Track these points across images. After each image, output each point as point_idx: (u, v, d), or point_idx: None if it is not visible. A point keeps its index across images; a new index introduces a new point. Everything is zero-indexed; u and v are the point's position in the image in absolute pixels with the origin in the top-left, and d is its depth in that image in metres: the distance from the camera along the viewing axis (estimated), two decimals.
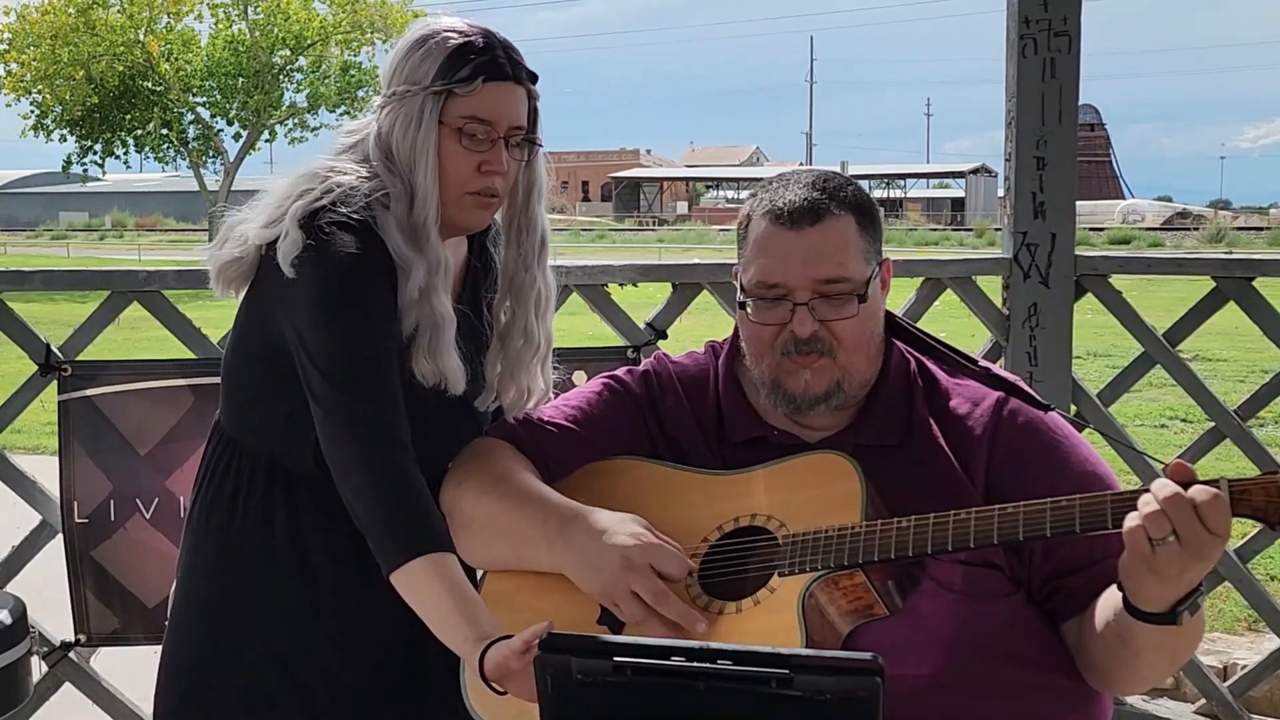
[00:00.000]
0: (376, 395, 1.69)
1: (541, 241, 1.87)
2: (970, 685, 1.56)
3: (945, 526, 1.50)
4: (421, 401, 1.76)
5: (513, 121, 1.77)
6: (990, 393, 1.72)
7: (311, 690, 1.85)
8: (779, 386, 1.69)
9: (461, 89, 1.72)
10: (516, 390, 1.88)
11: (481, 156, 1.74)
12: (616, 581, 1.57)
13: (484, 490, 1.76)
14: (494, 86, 1.74)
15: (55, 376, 2.88)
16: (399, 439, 1.69)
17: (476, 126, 1.73)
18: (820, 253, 1.65)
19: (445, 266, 1.75)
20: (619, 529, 1.61)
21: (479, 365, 1.87)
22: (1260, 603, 3.28)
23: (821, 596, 1.53)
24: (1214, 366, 11.16)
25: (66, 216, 65.16)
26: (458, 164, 1.74)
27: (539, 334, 1.88)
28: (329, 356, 1.69)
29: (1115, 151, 70.25)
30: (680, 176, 76.20)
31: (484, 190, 1.76)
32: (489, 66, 1.73)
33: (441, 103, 1.73)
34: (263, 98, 27.26)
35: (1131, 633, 1.48)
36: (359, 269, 1.68)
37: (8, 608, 2.53)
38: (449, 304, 1.75)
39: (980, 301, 3.34)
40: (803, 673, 1.16)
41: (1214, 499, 1.35)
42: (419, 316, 1.73)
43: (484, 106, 1.73)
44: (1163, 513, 1.35)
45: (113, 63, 26.13)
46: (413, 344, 1.74)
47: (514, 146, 1.78)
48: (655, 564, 1.57)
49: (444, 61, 1.73)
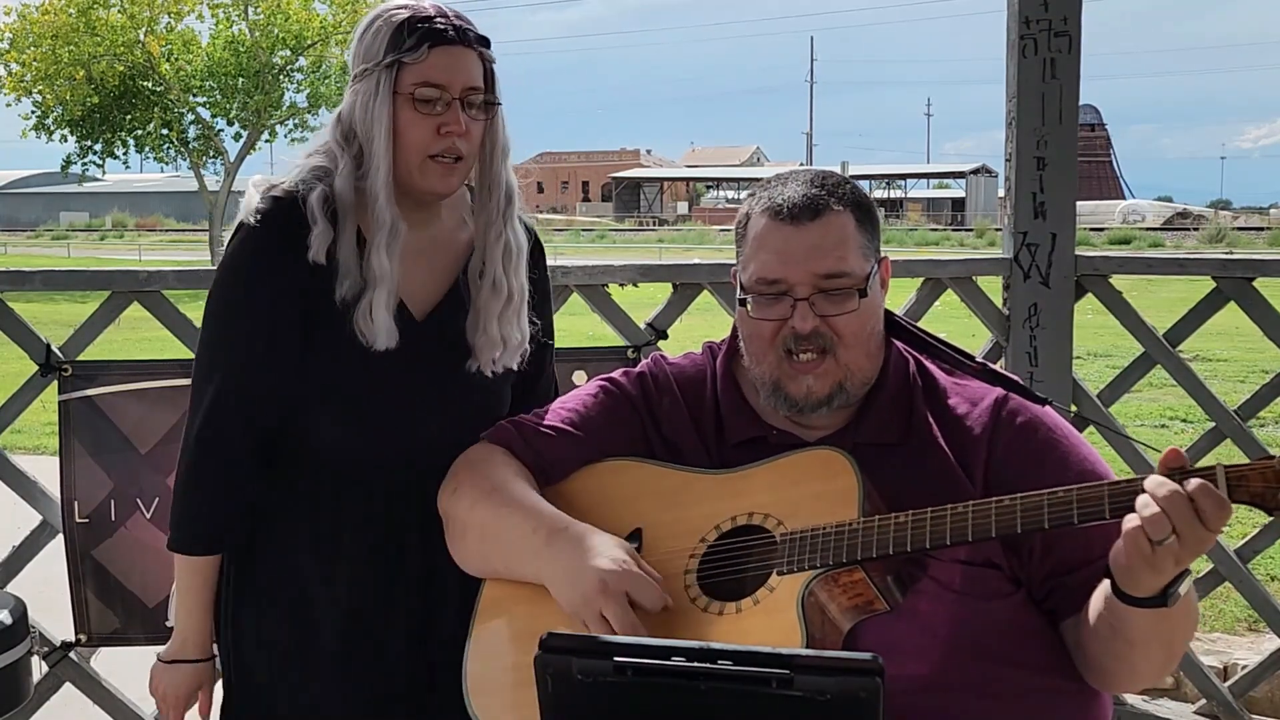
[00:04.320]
0: (215, 385, 1.86)
1: (507, 197, 1.92)
2: (970, 685, 1.56)
3: (943, 521, 1.50)
4: (409, 364, 1.84)
5: (466, 83, 1.83)
6: (989, 392, 1.72)
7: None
8: (780, 389, 1.69)
9: (410, 57, 1.80)
10: (487, 339, 1.91)
11: (438, 119, 1.82)
12: (590, 602, 1.56)
13: (478, 498, 1.77)
14: (441, 51, 1.81)
15: (55, 376, 2.88)
16: (218, 431, 1.85)
17: (428, 90, 1.81)
18: (820, 248, 1.65)
19: (393, 229, 1.81)
20: (603, 550, 1.60)
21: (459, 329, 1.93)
22: (1260, 603, 3.28)
23: (821, 594, 1.53)
24: (1214, 366, 11.17)
25: (67, 216, 65.20)
26: (416, 129, 1.82)
27: (505, 285, 1.91)
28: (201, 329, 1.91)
29: (1115, 151, 70.31)
30: (680, 177, 76.24)
31: (445, 152, 1.83)
32: (433, 33, 1.81)
33: (395, 74, 1.81)
34: (263, 98, 27.23)
35: (1124, 622, 1.48)
36: (253, 245, 1.83)
37: (8, 608, 2.53)
38: (389, 264, 1.81)
39: (980, 301, 3.34)
40: (803, 673, 1.16)
41: (1211, 496, 1.35)
42: (363, 274, 1.81)
43: (434, 72, 1.81)
44: (1163, 514, 1.35)
45: (113, 63, 26.08)
46: (356, 304, 1.82)
47: (472, 108, 1.85)
48: (631, 592, 1.56)
49: (392, 35, 1.81)
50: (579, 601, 1.58)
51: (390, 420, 1.88)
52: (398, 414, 1.88)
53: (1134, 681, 1.62)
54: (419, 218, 1.91)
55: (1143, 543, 1.36)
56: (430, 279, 1.93)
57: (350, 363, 1.84)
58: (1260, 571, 4.88)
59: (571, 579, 1.60)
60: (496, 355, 1.91)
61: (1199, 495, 1.35)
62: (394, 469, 1.89)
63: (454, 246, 1.95)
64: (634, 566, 1.59)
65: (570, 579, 1.60)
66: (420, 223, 1.91)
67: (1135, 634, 1.49)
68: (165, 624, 2.93)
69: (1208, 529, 1.35)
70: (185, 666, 1.94)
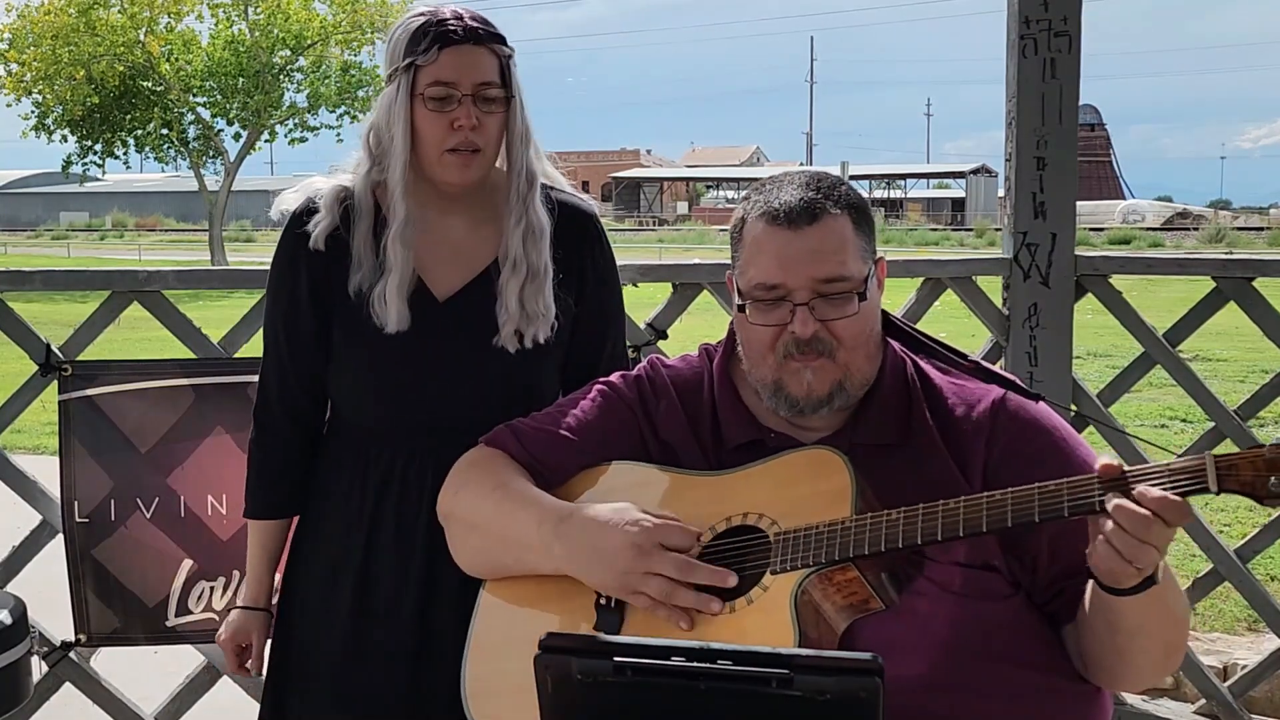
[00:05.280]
0: (262, 374, 2.12)
1: (528, 181, 2.01)
2: (970, 685, 1.56)
3: (935, 516, 1.50)
4: (424, 341, 1.98)
5: (476, 79, 1.93)
6: (987, 392, 1.72)
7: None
8: (781, 389, 1.68)
9: (423, 59, 1.92)
10: (507, 315, 1.99)
11: (450, 115, 1.92)
12: (632, 570, 1.58)
13: (479, 498, 1.77)
14: (451, 51, 1.91)
15: (55, 376, 2.88)
16: (269, 415, 2.11)
17: (439, 89, 1.92)
18: (819, 252, 1.64)
19: (406, 221, 1.95)
20: (618, 519, 1.62)
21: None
22: (1260, 603, 3.28)
23: (815, 593, 1.53)
24: (1214, 366, 11.17)
25: (67, 216, 65.18)
26: (431, 127, 1.93)
27: (524, 262, 1.99)
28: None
29: (1115, 151, 70.29)
30: (680, 177, 76.23)
31: (460, 145, 1.93)
32: (443, 35, 1.92)
33: (412, 77, 1.93)
34: (263, 98, 27.19)
35: (1116, 613, 1.48)
36: (277, 256, 2.06)
37: (8, 608, 2.54)
38: (403, 253, 1.95)
39: (980, 302, 3.34)
40: (803, 673, 1.16)
41: (1168, 504, 1.38)
42: (380, 263, 1.97)
43: (444, 71, 1.92)
44: (1134, 540, 1.39)
45: (113, 63, 26.05)
46: (372, 290, 1.97)
47: (486, 102, 1.94)
48: (664, 541, 1.59)
49: (408, 41, 1.94)
50: (620, 576, 1.59)
51: (405, 393, 2.02)
52: (412, 388, 2.01)
53: (1136, 678, 1.63)
54: (446, 206, 2.03)
55: (1123, 565, 1.41)
56: (458, 263, 2.04)
57: (365, 345, 2.00)
58: (1260, 571, 4.88)
59: (602, 560, 1.61)
60: (516, 328, 2.00)
61: (1159, 507, 1.38)
62: (414, 439, 2.02)
63: (490, 233, 2.05)
64: (651, 519, 1.62)
65: (600, 559, 1.61)
66: (448, 211, 2.03)
67: (1129, 623, 1.50)
68: (165, 624, 2.93)
69: (1170, 527, 1.39)
70: (241, 612, 2.18)
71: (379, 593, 2.02)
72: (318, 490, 2.11)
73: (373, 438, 2.05)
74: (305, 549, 2.12)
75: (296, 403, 2.10)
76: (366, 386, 2.04)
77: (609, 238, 2.15)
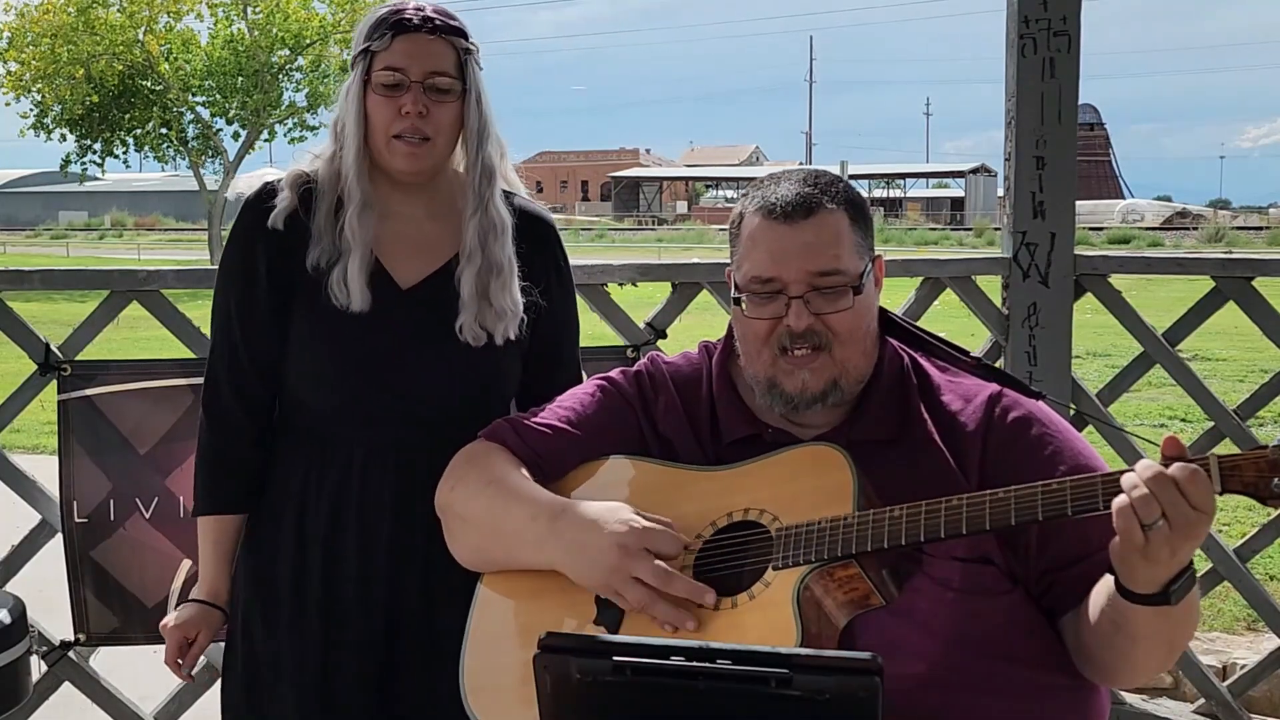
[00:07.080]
0: (210, 363, 2.07)
1: (486, 177, 2.02)
2: (967, 683, 1.56)
3: (938, 514, 1.50)
4: (384, 329, 1.97)
5: (428, 68, 1.95)
6: (983, 388, 1.72)
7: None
8: (775, 386, 1.69)
9: (377, 45, 1.95)
10: (466, 308, 1.99)
11: (398, 101, 1.94)
12: (616, 570, 1.58)
13: (475, 493, 1.78)
14: (405, 39, 1.95)
15: (55, 376, 2.88)
16: (219, 403, 2.05)
17: (388, 74, 1.94)
18: (814, 246, 1.65)
19: (363, 202, 1.97)
20: (608, 518, 1.63)
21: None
22: (1260, 603, 3.29)
23: (817, 589, 1.53)
24: (1214, 366, 11.17)
25: (66, 216, 65.18)
26: (380, 111, 1.95)
27: (480, 253, 2.00)
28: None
29: (1115, 151, 70.40)
30: (680, 176, 76.24)
31: (404, 132, 1.94)
32: (399, 24, 1.95)
33: (367, 64, 1.96)
34: (262, 97, 27.18)
35: (1127, 618, 1.48)
36: (233, 233, 2.05)
37: (7, 607, 2.53)
38: (360, 233, 1.96)
39: (980, 301, 3.34)
40: (802, 672, 1.16)
41: (1194, 474, 1.36)
42: (337, 242, 1.97)
43: (395, 57, 1.95)
44: (1151, 495, 1.36)
45: (112, 62, 26.03)
46: (331, 270, 1.96)
47: (438, 91, 1.96)
48: (650, 546, 1.59)
49: (368, 30, 1.98)
50: (604, 576, 1.59)
51: (366, 376, 1.99)
52: (373, 370, 1.99)
53: (1133, 677, 1.62)
54: (406, 198, 2.04)
55: (1134, 529, 1.37)
56: (421, 255, 2.04)
57: (325, 325, 1.98)
58: (1259, 571, 4.88)
59: (588, 556, 1.61)
60: (481, 322, 1.99)
61: (1180, 473, 1.37)
62: (373, 428, 2.00)
63: (452, 227, 2.05)
64: (642, 521, 1.62)
65: (587, 556, 1.61)
66: (410, 203, 2.04)
67: (1138, 630, 1.49)
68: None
69: (1192, 505, 1.36)
70: (194, 605, 2.11)
71: (344, 599, 1.99)
72: (273, 485, 2.05)
73: (329, 429, 2.01)
74: (261, 553, 2.05)
75: (248, 388, 2.04)
76: (325, 367, 1.99)
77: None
